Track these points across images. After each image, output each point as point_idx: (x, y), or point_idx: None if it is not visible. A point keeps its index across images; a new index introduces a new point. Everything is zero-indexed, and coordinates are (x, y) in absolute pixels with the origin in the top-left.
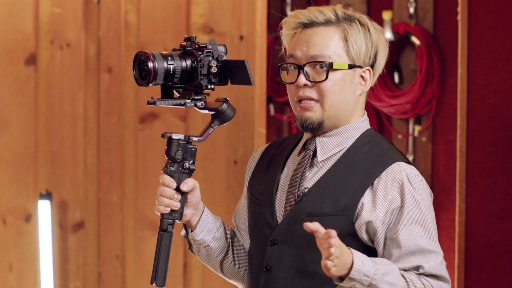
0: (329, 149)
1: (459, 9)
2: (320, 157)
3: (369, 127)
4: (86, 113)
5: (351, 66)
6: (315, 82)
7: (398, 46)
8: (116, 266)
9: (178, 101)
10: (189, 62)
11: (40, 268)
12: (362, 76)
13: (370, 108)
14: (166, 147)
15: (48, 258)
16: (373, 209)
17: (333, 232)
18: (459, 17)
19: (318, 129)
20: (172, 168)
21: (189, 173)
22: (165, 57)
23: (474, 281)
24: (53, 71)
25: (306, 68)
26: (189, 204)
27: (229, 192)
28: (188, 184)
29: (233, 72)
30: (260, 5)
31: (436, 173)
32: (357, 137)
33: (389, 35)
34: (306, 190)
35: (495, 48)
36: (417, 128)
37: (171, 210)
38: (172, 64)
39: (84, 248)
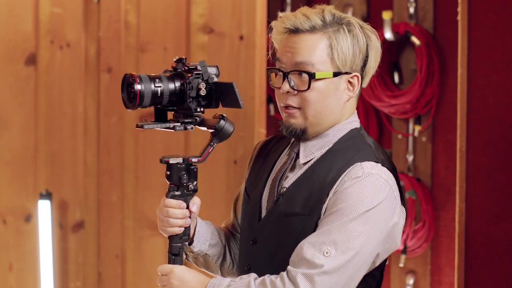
0: (311, 152)
1: (459, 9)
2: (302, 159)
3: (354, 127)
4: (86, 113)
5: (336, 74)
6: (298, 90)
7: (398, 46)
8: (116, 266)
9: (167, 125)
10: (178, 84)
11: (40, 268)
12: (349, 82)
13: (370, 108)
14: (168, 173)
15: (48, 258)
16: None
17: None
18: (459, 17)
19: (301, 135)
20: (176, 193)
21: (193, 194)
22: (152, 79)
23: (474, 281)
24: (53, 71)
25: (291, 76)
26: (191, 219)
27: (229, 192)
28: (197, 204)
29: (223, 94)
30: (260, 5)
31: (436, 173)
32: (338, 138)
33: (389, 35)
34: (284, 190)
35: (495, 48)
36: (417, 128)
37: (182, 234)
38: (160, 86)
39: (84, 248)
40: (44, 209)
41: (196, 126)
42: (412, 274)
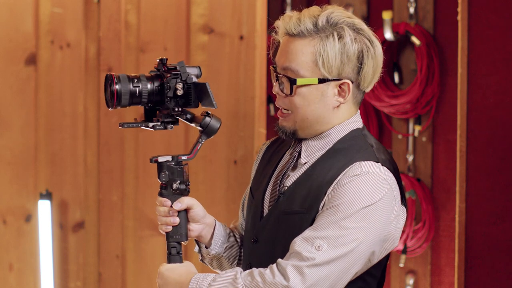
0: (313, 152)
1: (459, 9)
2: (303, 159)
3: (356, 127)
4: (86, 113)
5: (322, 80)
6: (285, 94)
7: (398, 46)
8: (117, 266)
9: (147, 124)
10: (157, 84)
11: (40, 268)
12: (341, 87)
13: (370, 108)
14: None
15: (48, 258)
16: None
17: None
18: (459, 17)
19: (293, 137)
20: (164, 191)
21: (181, 193)
22: (131, 79)
23: (474, 281)
24: (53, 71)
25: (281, 78)
26: (191, 220)
27: (229, 192)
28: (180, 203)
29: (200, 94)
30: (260, 5)
31: (436, 173)
32: (339, 138)
33: (389, 35)
34: (285, 188)
35: (495, 48)
36: (417, 128)
37: (173, 232)
38: (138, 86)
39: (84, 248)
40: (44, 209)
41: (187, 123)
42: (412, 274)
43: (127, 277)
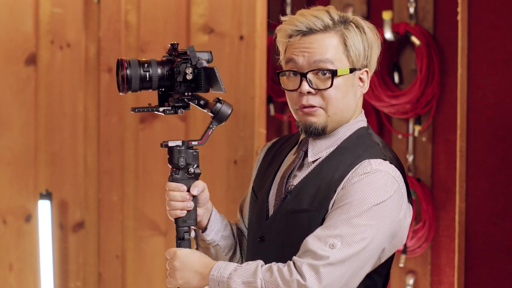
0: (320, 151)
1: (459, 9)
2: (310, 158)
3: (362, 125)
4: (86, 113)
5: (352, 70)
6: (319, 89)
7: (398, 46)
8: (117, 266)
9: (156, 108)
10: (167, 69)
11: (40, 268)
12: (360, 78)
13: (370, 108)
14: (168, 156)
15: (48, 258)
16: None
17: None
18: (459, 17)
19: (322, 133)
20: (177, 176)
21: (195, 177)
22: (141, 64)
23: (474, 281)
24: (53, 71)
25: (309, 76)
26: (200, 204)
27: (229, 192)
28: (198, 187)
29: (209, 79)
30: (260, 5)
31: (436, 173)
32: (346, 137)
33: (389, 35)
34: (292, 187)
35: (495, 48)
36: (417, 128)
37: (186, 217)
38: (148, 71)
39: (84, 248)
40: (44, 209)
41: (200, 108)
42: (412, 274)
43: (127, 277)
